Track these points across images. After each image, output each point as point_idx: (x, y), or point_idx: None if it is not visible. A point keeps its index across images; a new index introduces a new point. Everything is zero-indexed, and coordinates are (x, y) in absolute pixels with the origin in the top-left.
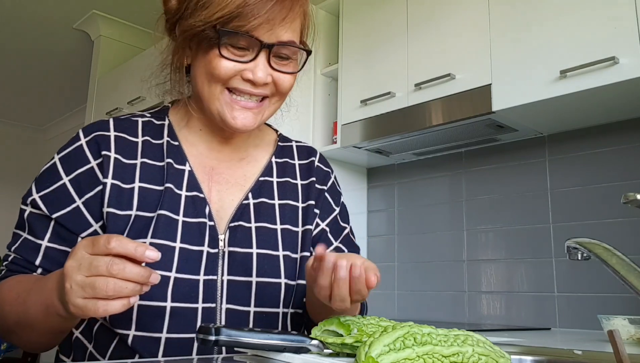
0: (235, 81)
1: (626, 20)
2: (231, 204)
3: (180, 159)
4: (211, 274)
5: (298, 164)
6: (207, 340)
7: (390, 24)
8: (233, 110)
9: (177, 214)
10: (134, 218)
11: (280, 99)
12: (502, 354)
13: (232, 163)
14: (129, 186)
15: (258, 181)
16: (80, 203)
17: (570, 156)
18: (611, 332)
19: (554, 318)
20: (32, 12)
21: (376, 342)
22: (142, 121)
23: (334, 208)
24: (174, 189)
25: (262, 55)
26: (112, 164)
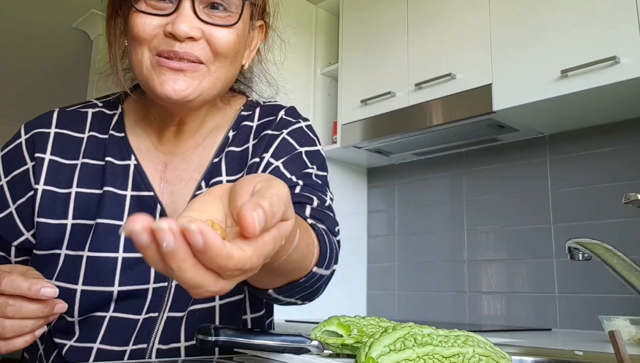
0: (158, 40)
1: (627, 19)
2: (184, 203)
3: (125, 154)
4: (161, 281)
5: (256, 125)
6: (207, 341)
7: (391, 23)
8: (161, 73)
9: (120, 219)
10: (70, 227)
11: (222, 63)
12: (502, 355)
13: (186, 154)
14: (65, 191)
15: (211, 165)
16: (13, 209)
17: (571, 156)
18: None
19: (555, 318)
20: (31, 11)
21: (376, 343)
22: (92, 111)
23: (297, 147)
24: (115, 191)
25: (186, 3)
26: (46, 168)
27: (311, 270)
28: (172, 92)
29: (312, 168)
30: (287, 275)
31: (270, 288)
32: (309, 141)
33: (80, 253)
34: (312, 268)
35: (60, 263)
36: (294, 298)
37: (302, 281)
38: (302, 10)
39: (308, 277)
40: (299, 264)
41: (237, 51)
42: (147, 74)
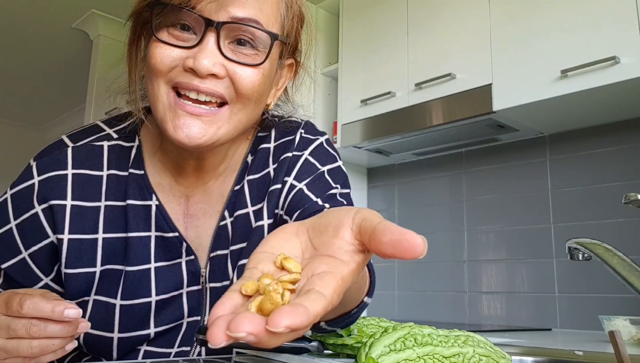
0: (177, 73)
1: (627, 20)
2: (208, 234)
3: (145, 194)
4: (195, 315)
5: (273, 146)
6: (206, 341)
7: (391, 23)
8: (177, 116)
9: (148, 263)
10: (99, 274)
11: (245, 106)
12: (503, 355)
13: (207, 186)
14: (91, 237)
15: (233, 193)
16: (27, 255)
17: (571, 156)
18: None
19: (555, 318)
20: (31, 11)
21: (376, 343)
22: (107, 145)
23: (319, 167)
24: (140, 235)
25: (210, 37)
26: (69, 215)
27: (362, 300)
28: (186, 138)
29: (336, 188)
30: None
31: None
32: (330, 159)
33: (113, 301)
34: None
35: (89, 308)
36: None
37: (354, 312)
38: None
39: (359, 308)
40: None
41: (262, 92)
42: (163, 115)
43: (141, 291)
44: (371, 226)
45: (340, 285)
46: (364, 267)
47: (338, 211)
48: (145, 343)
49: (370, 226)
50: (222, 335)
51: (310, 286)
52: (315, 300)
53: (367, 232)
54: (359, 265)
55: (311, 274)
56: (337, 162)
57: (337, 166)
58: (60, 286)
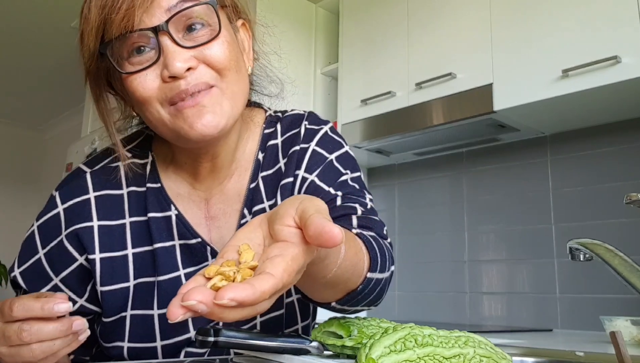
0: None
1: (628, 19)
2: (231, 233)
3: (164, 205)
4: None
5: (281, 141)
6: (206, 342)
7: (391, 22)
8: (185, 117)
9: (177, 271)
10: (133, 288)
11: (228, 76)
12: (503, 356)
13: (223, 186)
14: (121, 254)
15: (249, 191)
16: (58, 280)
17: (572, 156)
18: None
19: (556, 319)
20: (31, 11)
21: (377, 344)
22: (123, 166)
23: (327, 155)
24: (165, 245)
25: (167, 40)
26: (97, 235)
27: (365, 277)
28: (204, 128)
29: (346, 173)
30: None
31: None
32: (337, 145)
33: (150, 312)
34: (366, 274)
35: (128, 324)
36: (359, 306)
37: (360, 289)
38: (302, 10)
39: (365, 284)
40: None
41: (235, 58)
42: (173, 127)
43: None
44: (305, 218)
45: (291, 265)
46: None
47: (287, 201)
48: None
49: (304, 218)
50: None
51: (262, 269)
52: (263, 280)
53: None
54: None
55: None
56: (344, 148)
57: (344, 151)
58: (96, 306)
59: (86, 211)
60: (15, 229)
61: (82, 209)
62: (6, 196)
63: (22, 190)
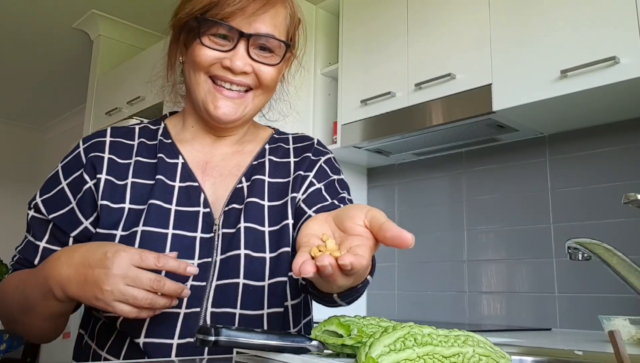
0: (215, 68)
1: (627, 20)
2: (225, 193)
3: (173, 154)
4: (205, 257)
5: (293, 147)
6: (207, 341)
7: (391, 23)
8: (215, 98)
9: (170, 204)
10: (127, 211)
11: (264, 92)
12: (502, 355)
13: (225, 156)
14: (123, 182)
15: (251, 166)
16: (75, 204)
17: (571, 156)
18: (612, 333)
19: (555, 318)
20: (31, 11)
21: (376, 343)
22: (138, 127)
23: (331, 175)
24: (166, 181)
25: (241, 45)
26: (106, 164)
27: (366, 278)
28: (223, 115)
29: (343, 193)
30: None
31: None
32: (338, 171)
33: (135, 229)
34: (367, 277)
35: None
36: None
37: (359, 287)
38: (302, 10)
39: (364, 284)
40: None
41: (276, 82)
42: (204, 97)
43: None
44: (379, 223)
45: (370, 251)
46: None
47: (355, 207)
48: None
49: (378, 223)
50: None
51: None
52: (362, 256)
53: (375, 227)
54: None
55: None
56: (342, 175)
57: (342, 178)
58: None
59: (101, 146)
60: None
61: (98, 146)
62: (7, 195)
63: (23, 190)
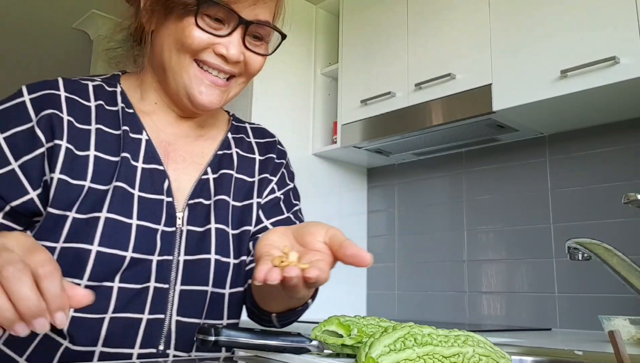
0: (206, 53)
1: (627, 20)
2: (189, 183)
3: (137, 128)
4: (166, 254)
5: (255, 141)
6: (207, 341)
7: (391, 23)
8: (201, 84)
9: (133, 188)
10: (87, 189)
11: (246, 80)
12: (502, 355)
13: (188, 140)
14: (83, 154)
15: (216, 155)
16: (17, 166)
17: (571, 156)
18: (612, 333)
19: (555, 318)
20: (31, 11)
21: (376, 343)
22: (92, 84)
23: (288, 183)
24: (130, 161)
25: (238, 31)
26: (66, 126)
27: (307, 302)
28: (208, 103)
29: (296, 204)
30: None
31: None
32: (293, 176)
33: (96, 214)
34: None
35: (67, 225)
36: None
37: (299, 310)
38: (302, 10)
39: (304, 307)
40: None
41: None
42: (188, 81)
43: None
44: (339, 241)
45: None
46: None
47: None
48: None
49: (338, 241)
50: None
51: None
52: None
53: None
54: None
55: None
56: (295, 180)
57: (295, 184)
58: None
59: (58, 102)
60: None
61: (54, 100)
62: None
63: None
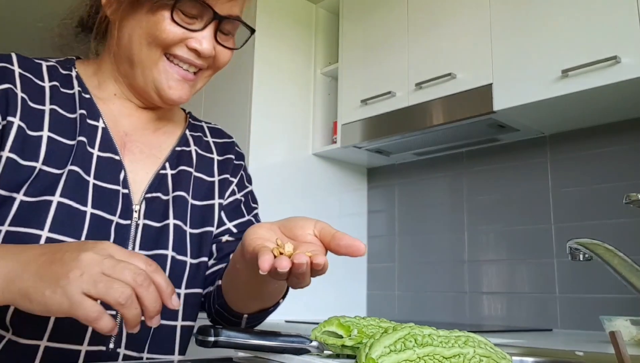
0: (177, 47)
1: (628, 19)
2: (146, 176)
3: (94, 114)
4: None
5: (212, 141)
6: (206, 341)
7: (391, 23)
8: (170, 79)
9: (88, 175)
10: (37, 171)
11: (212, 73)
12: (503, 355)
13: (146, 133)
14: (36, 134)
15: (174, 151)
16: None
17: (572, 156)
18: (613, 333)
19: (556, 319)
20: (31, 11)
21: (376, 343)
22: (46, 65)
23: (247, 185)
24: (87, 146)
25: (211, 26)
26: (20, 103)
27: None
28: (177, 97)
29: (255, 207)
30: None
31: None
32: (250, 180)
33: (47, 198)
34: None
35: (15, 207)
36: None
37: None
38: (302, 10)
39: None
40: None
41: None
42: (157, 76)
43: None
44: (331, 233)
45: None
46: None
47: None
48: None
49: (330, 233)
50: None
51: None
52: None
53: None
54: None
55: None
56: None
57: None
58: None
59: (12, 77)
60: None
61: (7, 74)
62: None
63: None
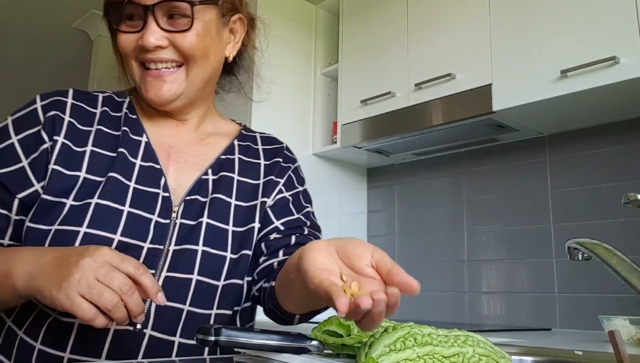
0: (141, 52)
1: (627, 20)
2: (189, 181)
3: (138, 131)
4: (157, 243)
5: (262, 148)
6: (207, 341)
7: (391, 23)
8: (145, 82)
9: (129, 180)
10: (82, 180)
11: (196, 64)
12: (502, 355)
13: (191, 143)
14: (80, 149)
15: (219, 159)
16: (27, 163)
17: (571, 156)
18: (612, 333)
19: (555, 318)
20: (31, 11)
21: (376, 343)
22: (102, 96)
23: (297, 186)
24: (128, 156)
25: (150, 19)
26: (66, 126)
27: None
28: (155, 97)
29: (307, 206)
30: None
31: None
32: (303, 181)
33: (89, 201)
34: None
35: (64, 211)
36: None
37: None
38: (302, 10)
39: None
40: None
41: (203, 49)
42: (138, 82)
43: (117, 197)
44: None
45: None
46: None
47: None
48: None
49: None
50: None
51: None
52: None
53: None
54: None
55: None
56: (305, 184)
57: (306, 188)
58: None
59: (62, 106)
60: None
61: (59, 105)
62: None
63: None
